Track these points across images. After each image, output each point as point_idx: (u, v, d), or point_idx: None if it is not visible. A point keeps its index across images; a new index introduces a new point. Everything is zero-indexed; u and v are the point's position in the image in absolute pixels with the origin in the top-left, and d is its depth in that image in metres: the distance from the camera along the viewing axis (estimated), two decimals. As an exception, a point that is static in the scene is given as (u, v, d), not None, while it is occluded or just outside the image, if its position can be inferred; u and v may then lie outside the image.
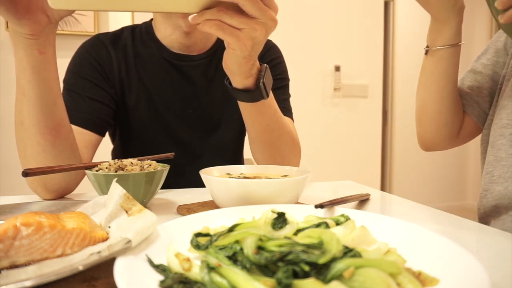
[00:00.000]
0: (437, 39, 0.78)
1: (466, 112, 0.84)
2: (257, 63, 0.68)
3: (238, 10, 0.55)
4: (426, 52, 0.81)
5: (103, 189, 0.57)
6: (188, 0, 0.53)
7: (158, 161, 0.66)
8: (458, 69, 0.81)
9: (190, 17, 0.56)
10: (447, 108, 0.82)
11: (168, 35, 0.91)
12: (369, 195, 0.70)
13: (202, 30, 0.55)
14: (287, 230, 0.38)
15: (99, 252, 0.34)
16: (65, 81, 0.87)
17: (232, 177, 0.62)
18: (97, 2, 0.51)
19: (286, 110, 0.94)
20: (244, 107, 0.75)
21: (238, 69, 0.65)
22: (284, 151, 0.83)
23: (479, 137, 0.85)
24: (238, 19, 0.55)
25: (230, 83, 0.70)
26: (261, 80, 0.67)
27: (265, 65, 0.70)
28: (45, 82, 0.64)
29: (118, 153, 1.00)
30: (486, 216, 0.74)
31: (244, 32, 0.57)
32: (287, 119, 0.89)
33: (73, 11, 0.59)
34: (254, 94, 0.69)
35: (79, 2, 0.51)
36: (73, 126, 0.77)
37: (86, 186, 0.72)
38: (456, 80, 0.82)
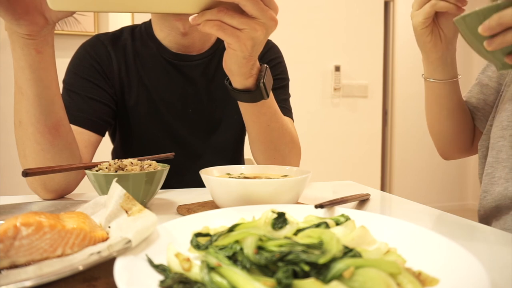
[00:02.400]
0: (424, 70, 0.79)
1: (476, 125, 0.85)
2: (258, 63, 0.67)
3: (239, 11, 0.55)
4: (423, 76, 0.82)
5: (103, 189, 0.57)
6: (188, 1, 0.53)
7: (158, 161, 0.66)
8: (455, 98, 0.80)
9: (190, 18, 0.55)
10: (453, 126, 0.83)
11: (166, 36, 0.91)
12: (369, 195, 0.70)
13: (202, 30, 0.55)
14: (287, 230, 0.38)
15: (99, 252, 0.34)
16: (64, 81, 0.87)
17: (232, 177, 0.62)
18: (96, 4, 0.51)
19: (286, 110, 0.94)
20: (245, 108, 0.75)
21: (238, 70, 0.65)
22: (284, 151, 0.83)
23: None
24: (238, 19, 0.55)
25: (230, 84, 0.69)
26: (262, 81, 0.67)
27: (265, 65, 0.70)
28: (43, 81, 0.63)
29: (118, 153, 1.00)
30: (487, 217, 0.74)
31: (245, 33, 0.57)
32: (287, 119, 0.89)
33: (72, 13, 0.59)
34: (254, 94, 0.69)
35: (78, 4, 0.51)
36: (73, 126, 0.77)
37: (86, 186, 0.72)
38: (454, 108, 0.81)
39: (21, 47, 0.60)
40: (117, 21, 2.64)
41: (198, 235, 0.38)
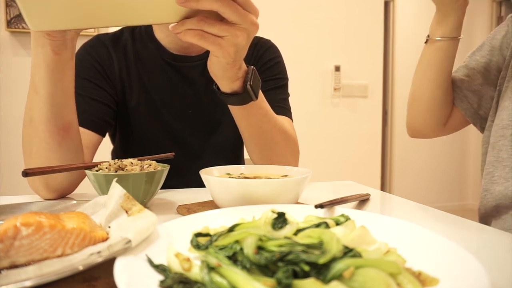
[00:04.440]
0: (437, 30, 0.80)
1: (455, 104, 0.87)
2: (244, 65, 0.67)
3: (218, 18, 0.55)
4: (426, 41, 0.83)
5: (103, 189, 0.57)
6: (168, 11, 0.52)
7: (158, 161, 0.66)
8: (453, 61, 0.83)
9: (170, 26, 0.55)
10: (438, 98, 0.85)
11: (165, 37, 0.91)
12: (369, 195, 0.70)
13: (183, 39, 0.55)
14: (287, 230, 0.38)
15: (99, 252, 0.34)
16: (65, 81, 0.87)
17: (232, 177, 0.62)
18: (77, 22, 0.51)
19: (285, 109, 0.94)
20: (235, 111, 0.75)
21: (223, 74, 0.65)
22: (279, 151, 0.83)
23: (479, 138, 0.86)
24: (219, 27, 0.55)
25: (218, 88, 0.70)
26: (248, 83, 0.67)
27: (252, 67, 0.69)
28: (58, 82, 0.64)
29: (118, 153, 1.00)
30: (487, 216, 0.74)
31: (226, 40, 0.57)
32: (284, 118, 0.89)
33: None
34: (242, 96, 0.69)
35: (59, 23, 0.51)
36: (75, 127, 0.77)
37: (86, 186, 0.72)
38: (450, 72, 0.84)
39: (41, 45, 0.61)
40: (117, 21, 2.63)
41: (198, 235, 0.38)
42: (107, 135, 0.95)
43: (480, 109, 0.83)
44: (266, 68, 0.95)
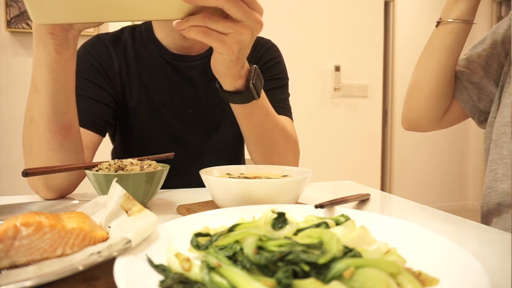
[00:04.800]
0: (452, 11, 0.79)
1: (454, 96, 0.86)
2: (246, 64, 0.67)
3: (223, 15, 0.55)
4: (437, 25, 0.82)
5: (103, 189, 0.57)
6: (172, 7, 0.53)
7: (158, 161, 0.66)
8: (462, 48, 0.82)
9: (174, 23, 0.55)
10: (441, 87, 0.83)
11: (166, 36, 0.91)
12: (369, 195, 0.70)
13: (187, 36, 0.55)
14: (287, 230, 0.38)
15: (99, 252, 0.34)
16: (65, 81, 0.87)
17: (232, 177, 0.62)
18: (80, 15, 0.51)
19: (286, 109, 0.94)
20: (237, 109, 0.75)
21: (227, 72, 0.65)
22: (280, 150, 0.83)
23: (480, 139, 0.86)
24: (223, 24, 0.55)
25: (221, 86, 0.70)
26: (251, 81, 0.67)
27: (255, 66, 0.70)
28: (59, 81, 0.64)
29: (118, 153, 1.00)
30: (489, 214, 0.74)
31: (230, 37, 0.57)
32: (285, 118, 0.89)
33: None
34: (245, 95, 0.69)
35: (62, 17, 0.51)
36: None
37: (86, 186, 0.72)
38: (457, 60, 0.83)
39: (44, 45, 0.61)
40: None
41: (198, 235, 0.38)
42: (107, 135, 0.95)
43: (480, 102, 0.83)
44: (266, 68, 0.95)
